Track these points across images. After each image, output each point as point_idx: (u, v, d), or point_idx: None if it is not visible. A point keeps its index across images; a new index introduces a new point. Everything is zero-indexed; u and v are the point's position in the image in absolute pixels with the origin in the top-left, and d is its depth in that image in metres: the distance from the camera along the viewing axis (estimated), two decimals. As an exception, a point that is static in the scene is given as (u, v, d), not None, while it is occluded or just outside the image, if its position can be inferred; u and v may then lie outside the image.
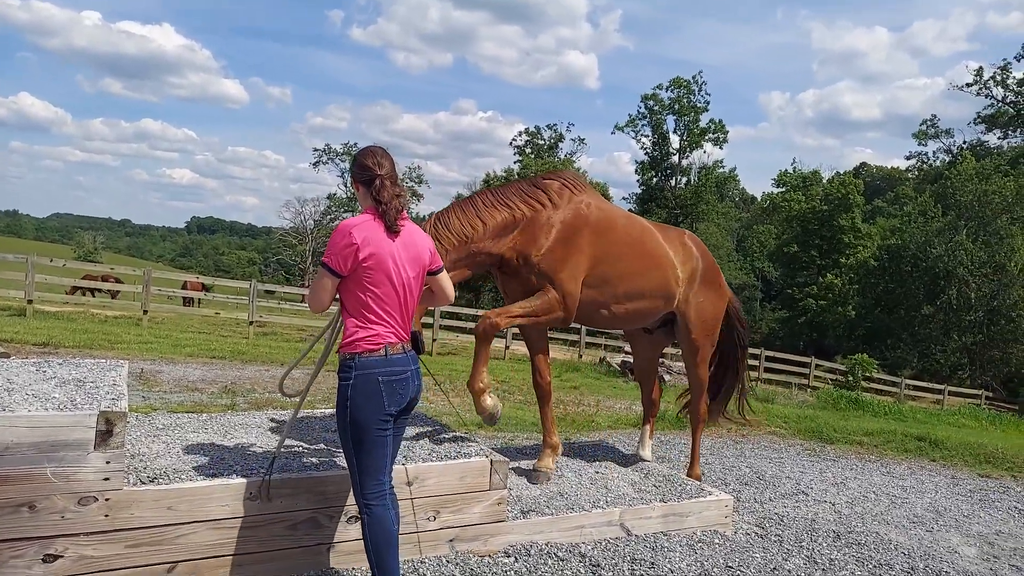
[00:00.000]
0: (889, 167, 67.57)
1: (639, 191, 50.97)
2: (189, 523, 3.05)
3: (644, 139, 49.91)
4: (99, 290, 25.27)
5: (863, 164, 71.78)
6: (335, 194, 55.50)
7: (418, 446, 4.00)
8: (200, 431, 4.01)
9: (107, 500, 2.89)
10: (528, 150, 51.92)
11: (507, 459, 3.92)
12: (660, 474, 5.05)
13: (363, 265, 2.81)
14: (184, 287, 26.04)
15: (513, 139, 53.54)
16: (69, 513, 2.83)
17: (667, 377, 16.87)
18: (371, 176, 2.94)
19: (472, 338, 21.12)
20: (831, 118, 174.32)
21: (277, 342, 17.06)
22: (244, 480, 3.21)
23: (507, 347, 20.56)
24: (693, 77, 47.92)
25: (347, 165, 57.45)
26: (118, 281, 27.40)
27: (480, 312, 24.06)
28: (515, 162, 50.39)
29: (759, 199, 61.31)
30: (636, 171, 51.14)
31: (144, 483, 3.05)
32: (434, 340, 19.67)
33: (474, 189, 47.87)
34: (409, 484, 3.57)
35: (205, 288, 24.97)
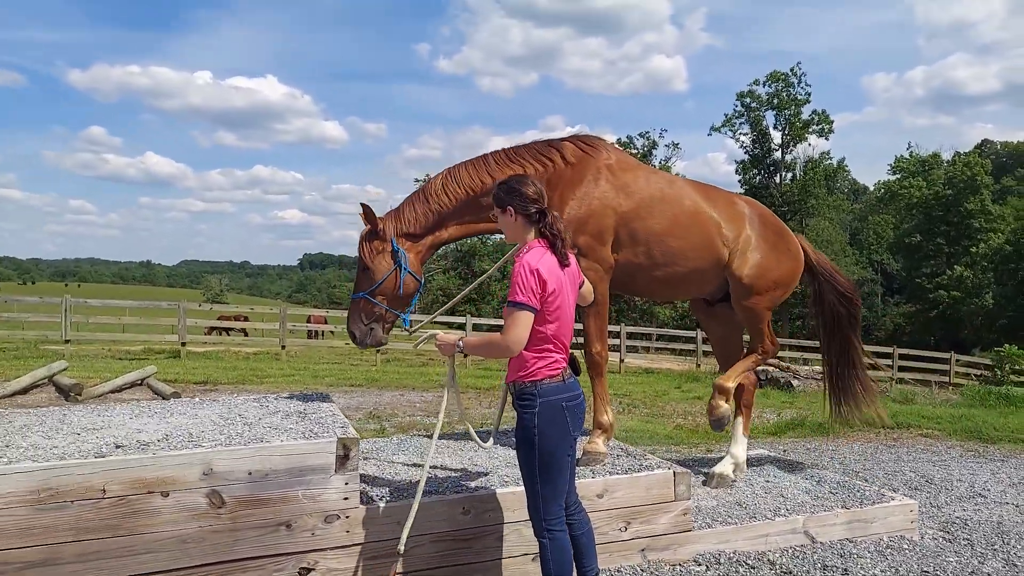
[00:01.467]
0: (1016, 141, 62.37)
1: (741, 191, 49.59)
2: (415, 536, 3.35)
3: (743, 137, 48.65)
4: (232, 329, 27.18)
5: (985, 141, 66.69)
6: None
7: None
8: (400, 452, 4.36)
9: (347, 517, 3.24)
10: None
11: (689, 470, 4.02)
12: (834, 480, 4.99)
13: (547, 300, 2.86)
14: (309, 321, 27.68)
15: (606, 151, 53.36)
16: (318, 530, 3.19)
17: (795, 383, 16.30)
18: (539, 209, 2.96)
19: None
20: (944, 95, 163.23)
21: (403, 368, 17.81)
22: (457, 496, 3.49)
23: (621, 360, 20.50)
24: (791, 69, 46.36)
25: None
26: (246, 319, 29.43)
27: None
28: (610, 174, 50.14)
29: (872, 188, 58.12)
30: (736, 171, 49.88)
31: (375, 501, 3.38)
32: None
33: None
34: (600, 497, 3.75)
35: (326, 321, 26.45)
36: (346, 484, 3.23)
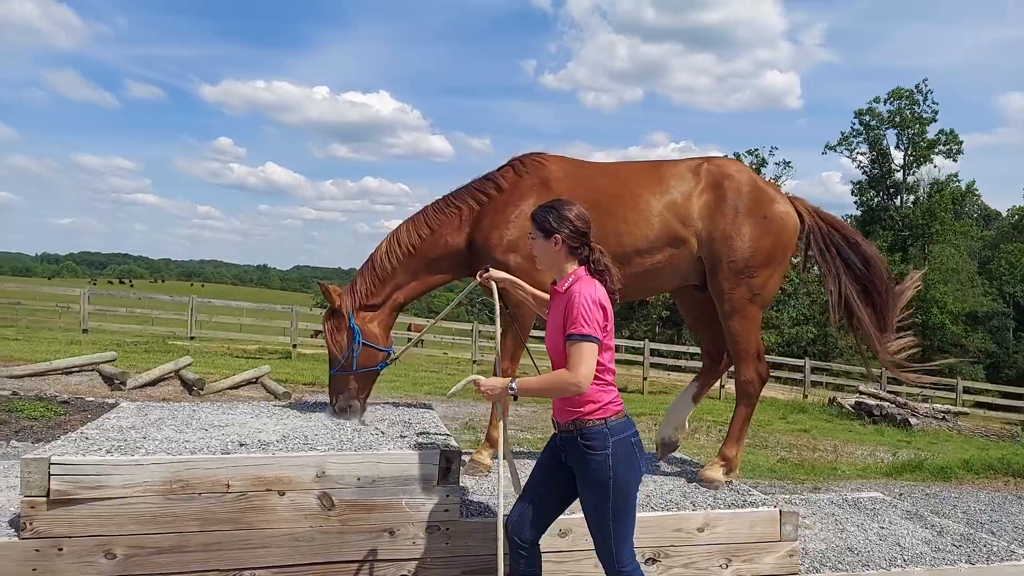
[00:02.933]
0: None
1: (858, 213, 47.07)
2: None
3: (860, 157, 46.19)
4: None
5: None
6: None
7: (699, 492, 4.07)
8: (498, 467, 4.41)
9: (447, 529, 3.31)
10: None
11: (796, 509, 3.85)
12: (957, 532, 4.62)
13: (606, 332, 2.77)
14: (409, 329, 28.52)
15: (712, 169, 52.09)
16: (419, 540, 3.28)
17: (913, 421, 15.22)
18: (586, 242, 2.85)
19: (681, 376, 20.39)
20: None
21: (498, 380, 17.98)
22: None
23: (722, 386, 19.83)
24: (916, 86, 43.65)
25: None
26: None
27: (683, 348, 23.60)
28: (715, 193, 48.88)
29: (1005, 214, 53.64)
30: (853, 192, 47.36)
31: (473, 515, 3.44)
32: (644, 379, 19.56)
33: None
34: (700, 530, 3.64)
35: (421, 328, 27.16)
36: (447, 496, 3.31)
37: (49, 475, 2.88)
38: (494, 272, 3.28)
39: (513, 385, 2.77)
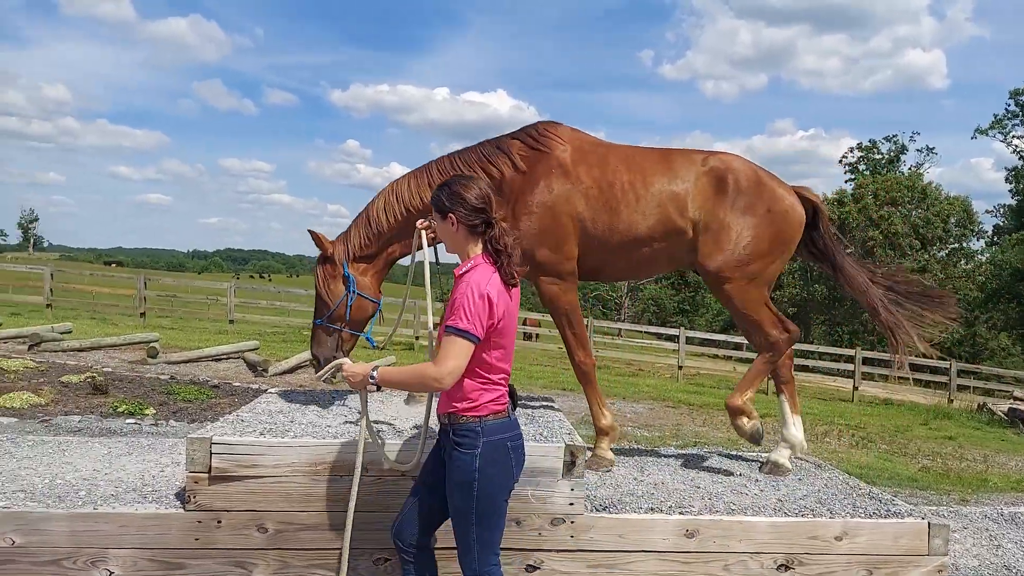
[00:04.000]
0: None
1: (1013, 202, 42.76)
2: (636, 551, 3.36)
3: (1017, 141, 41.90)
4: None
5: None
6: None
7: (836, 499, 3.86)
8: (619, 464, 4.39)
9: (572, 523, 3.34)
10: (862, 167, 47.07)
11: (947, 522, 3.57)
12: None
13: (497, 327, 2.53)
14: (525, 323, 28.83)
15: (843, 156, 49.05)
16: (544, 531, 3.32)
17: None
18: (486, 219, 2.58)
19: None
20: None
21: (613, 376, 17.86)
22: (680, 517, 3.44)
23: (855, 387, 18.64)
24: (1086, 59, 38.91)
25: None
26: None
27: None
28: (846, 181, 46.02)
29: None
30: (1007, 179, 43.06)
31: (598, 511, 3.45)
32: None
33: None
34: (838, 539, 3.46)
35: (539, 324, 27.37)
36: (572, 490, 3.33)
37: (211, 453, 3.16)
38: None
39: (374, 374, 2.62)
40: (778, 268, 4.35)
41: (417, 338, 18.86)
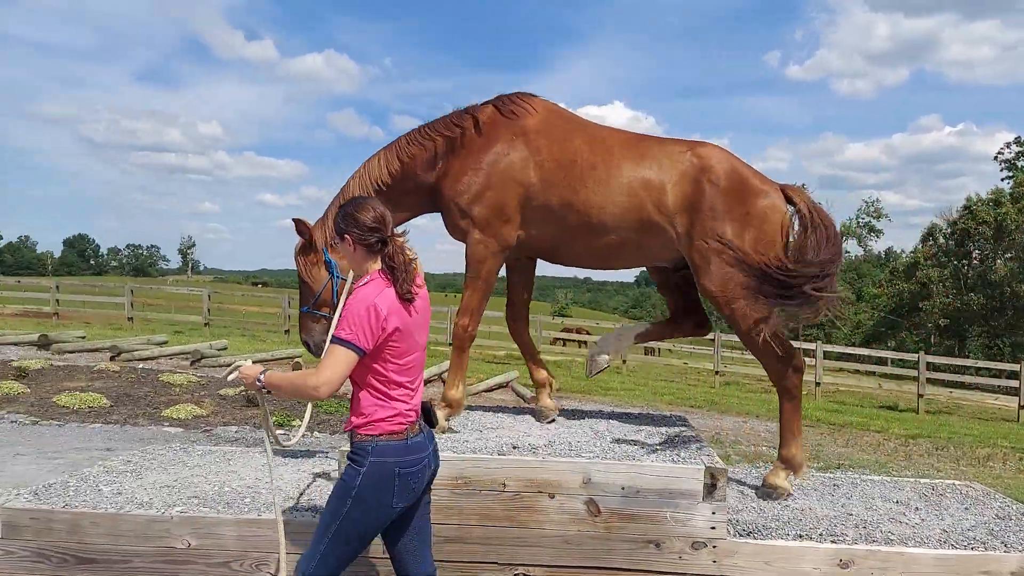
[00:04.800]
0: None
1: None
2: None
3: None
4: (573, 340, 29.03)
5: None
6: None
7: (1010, 532, 3.50)
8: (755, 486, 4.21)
9: (714, 547, 3.24)
10: (1021, 163, 42.64)
11: None
12: None
13: (390, 341, 2.51)
14: (577, 332, 28.28)
15: (999, 152, 44.62)
16: (685, 555, 3.25)
17: None
18: (380, 238, 2.59)
19: (965, 394, 17.42)
20: None
21: (744, 392, 17.14)
22: (833, 546, 3.24)
23: (1022, 406, 16.80)
24: None
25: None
26: (588, 333, 31.16)
27: (966, 361, 20.29)
28: (1003, 179, 41.86)
29: None
30: None
31: (741, 536, 3.32)
32: (920, 396, 17.21)
33: (948, 217, 41.24)
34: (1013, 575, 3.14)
35: (662, 338, 26.75)
36: (713, 514, 3.23)
37: (360, 465, 3.33)
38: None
39: (261, 377, 2.60)
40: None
41: (538, 353, 18.97)
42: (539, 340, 18.97)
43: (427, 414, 2.74)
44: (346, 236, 2.60)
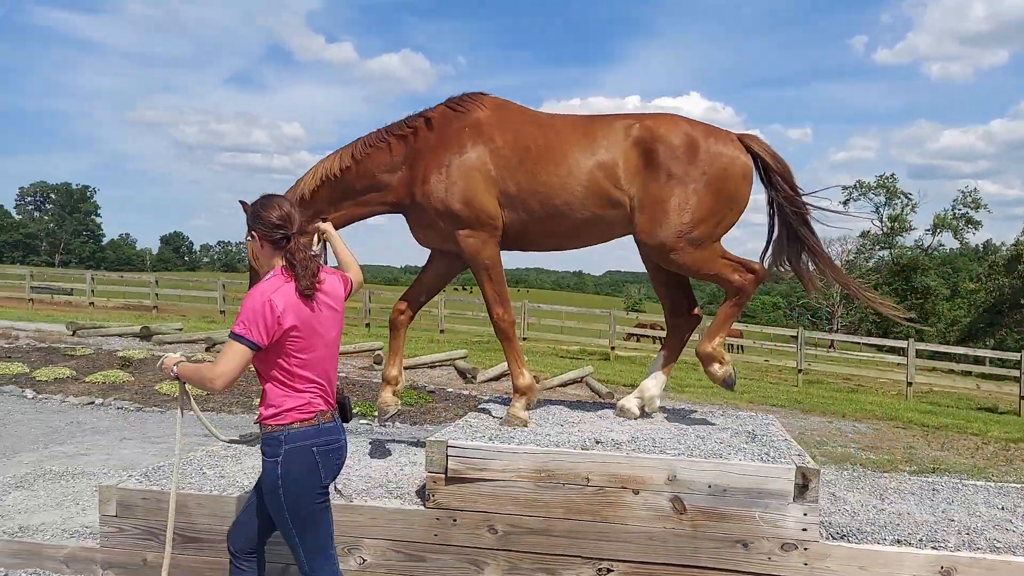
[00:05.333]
0: None
1: None
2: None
3: None
4: (647, 336, 28.63)
5: None
6: (869, 231, 51.51)
7: None
8: (852, 489, 4.07)
9: (806, 550, 3.15)
10: None
11: None
12: None
13: (289, 335, 2.58)
14: (652, 328, 27.59)
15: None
16: (775, 556, 3.18)
17: None
18: (283, 235, 2.67)
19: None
20: None
21: (828, 391, 16.50)
22: (934, 552, 3.11)
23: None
24: None
25: (881, 199, 52.92)
26: (663, 329, 30.62)
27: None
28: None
29: None
30: None
31: (834, 539, 3.23)
32: (1023, 398, 16.11)
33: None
34: None
35: (741, 335, 26.08)
36: (804, 515, 3.15)
37: (447, 456, 3.42)
38: (324, 225, 3.37)
39: (175, 368, 2.74)
40: (729, 223, 4.10)
41: (612, 348, 18.85)
42: (613, 336, 18.81)
43: (343, 409, 2.86)
44: (253, 232, 2.75)
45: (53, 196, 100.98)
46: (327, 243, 3.42)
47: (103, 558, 3.73)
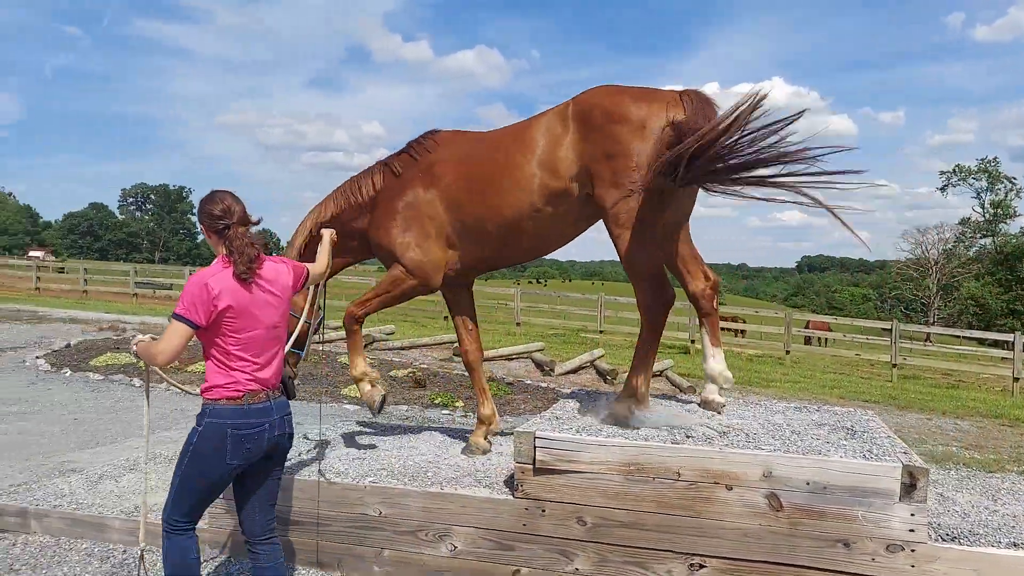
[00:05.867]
0: None
1: None
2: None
3: None
4: (728, 330, 27.85)
5: None
6: (969, 218, 48.40)
7: None
8: (961, 489, 3.86)
9: (913, 551, 3.00)
10: None
11: None
12: None
13: (224, 316, 2.79)
14: (807, 327, 26.58)
15: None
16: (879, 557, 3.04)
17: None
18: (224, 225, 2.90)
19: None
20: None
21: (926, 386, 15.64)
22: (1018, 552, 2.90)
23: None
24: None
25: (982, 184, 49.58)
26: (744, 322, 29.76)
27: None
28: None
29: None
30: None
31: (943, 540, 3.06)
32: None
33: None
34: None
35: (830, 328, 25.00)
36: (912, 516, 3.00)
37: (535, 447, 3.44)
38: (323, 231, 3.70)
39: (134, 345, 2.98)
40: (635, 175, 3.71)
41: (692, 341, 18.47)
42: (693, 328, 18.41)
43: (285, 387, 3.08)
44: (201, 225, 3.00)
45: (152, 197, 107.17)
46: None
47: (210, 538, 3.94)
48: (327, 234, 3.71)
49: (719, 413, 4.03)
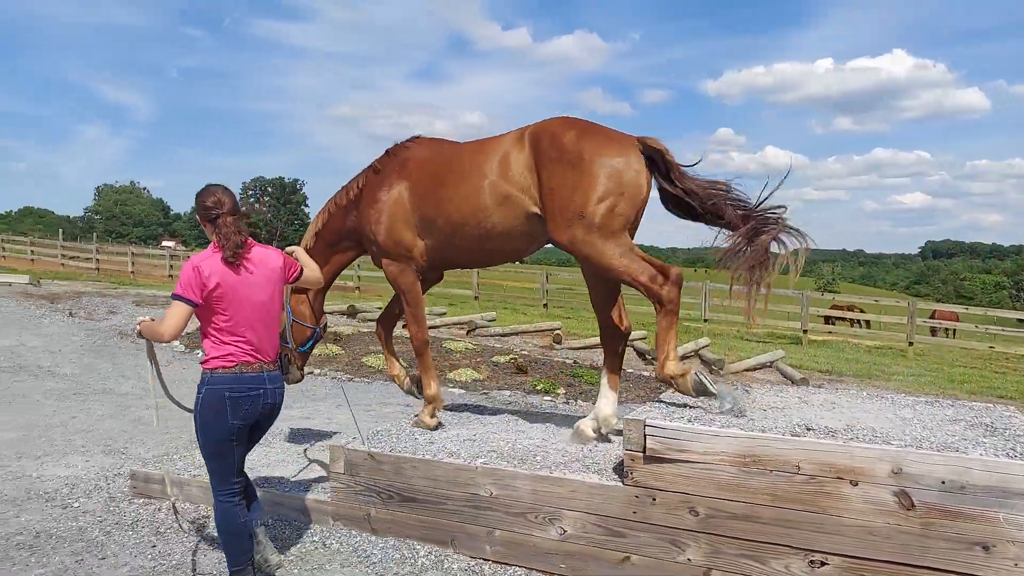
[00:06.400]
0: None
1: None
2: None
3: None
4: (845, 319, 26.35)
5: None
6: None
7: None
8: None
9: (1064, 561, 2.76)
10: None
11: None
12: None
13: (214, 295, 3.15)
14: (933, 316, 24.74)
15: None
16: (1022, 563, 2.82)
17: None
18: (215, 215, 3.26)
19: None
20: None
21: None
22: None
23: None
24: None
25: None
26: (863, 311, 28.04)
27: None
28: None
29: None
30: None
31: (1102, 552, 2.80)
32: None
33: None
34: None
35: (958, 319, 23.17)
36: (1065, 521, 2.75)
37: (645, 435, 3.41)
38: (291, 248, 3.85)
39: (138, 325, 3.32)
40: (624, 210, 3.94)
41: (805, 331, 17.65)
42: (806, 317, 17.60)
43: (281, 361, 3.55)
44: (198, 215, 3.35)
45: (270, 189, 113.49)
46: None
47: (333, 511, 4.17)
48: (297, 250, 3.91)
49: (583, 444, 4.21)
